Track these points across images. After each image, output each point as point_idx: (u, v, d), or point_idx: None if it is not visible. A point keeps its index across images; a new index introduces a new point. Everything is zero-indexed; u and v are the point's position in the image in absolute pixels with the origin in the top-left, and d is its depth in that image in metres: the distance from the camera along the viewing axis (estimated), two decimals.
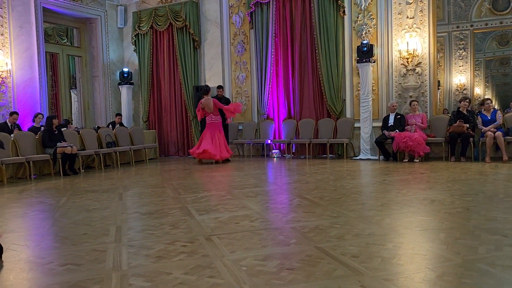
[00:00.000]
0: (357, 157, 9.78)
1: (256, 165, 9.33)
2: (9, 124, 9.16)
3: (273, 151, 11.06)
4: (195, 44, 11.89)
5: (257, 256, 3.07)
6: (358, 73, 9.87)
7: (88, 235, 3.91)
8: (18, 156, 8.24)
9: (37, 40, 10.49)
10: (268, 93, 11.07)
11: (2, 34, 9.87)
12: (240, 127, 11.46)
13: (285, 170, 8.55)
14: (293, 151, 10.90)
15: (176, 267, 2.94)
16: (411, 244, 3.30)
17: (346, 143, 9.99)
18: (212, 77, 11.86)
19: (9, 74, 9.97)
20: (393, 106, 9.38)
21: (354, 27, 10.03)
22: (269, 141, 10.98)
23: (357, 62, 9.73)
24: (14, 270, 3.05)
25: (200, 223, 4.18)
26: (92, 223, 4.38)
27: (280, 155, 10.99)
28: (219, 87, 10.97)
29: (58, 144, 8.67)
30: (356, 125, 9.99)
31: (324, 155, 10.48)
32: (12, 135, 8.68)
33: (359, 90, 9.91)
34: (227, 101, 10.66)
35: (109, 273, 2.87)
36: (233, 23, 11.52)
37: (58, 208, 5.31)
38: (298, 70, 10.72)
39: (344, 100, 10.30)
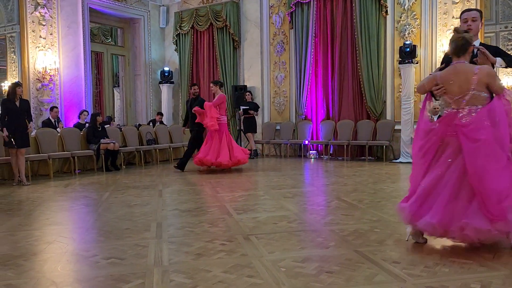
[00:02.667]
0: (397, 160, 9.57)
1: (293, 166, 9.30)
2: (52, 120, 9.52)
3: (310, 152, 10.98)
4: (235, 44, 11.98)
5: (295, 258, 3.06)
6: (400, 74, 9.64)
7: (130, 230, 4.01)
8: (64, 151, 8.57)
9: (83, 40, 10.87)
10: (307, 94, 11.00)
11: (51, 34, 10.28)
12: (278, 127, 11.45)
13: (323, 172, 8.47)
14: (331, 152, 10.78)
15: (215, 265, 2.97)
16: (455, 253, 3.19)
17: (385, 146, 9.80)
18: (251, 77, 11.91)
19: (56, 72, 10.38)
20: (436, 108, 9.10)
21: (396, 27, 9.81)
22: (306, 142, 10.92)
23: (399, 63, 9.52)
24: (61, 262, 3.18)
25: (238, 222, 4.21)
26: (134, 219, 4.50)
27: (317, 156, 10.90)
28: (194, 84, 9.27)
29: (102, 140, 8.95)
30: (396, 127, 9.77)
31: (363, 157, 10.32)
32: (58, 129, 9.04)
33: (400, 91, 9.69)
34: (201, 102, 8.58)
35: (151, 268, 2.94)
36: (273, 23, 11.52)
37: (102, 202, 5.48)
38: (338, 71, 10.60)
39: (385, 101, 10.09)
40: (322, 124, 10.81)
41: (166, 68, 12.88)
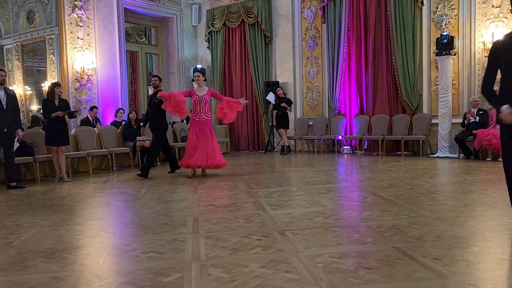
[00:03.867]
0: (434, 155, 9.32)
1: (326, 161, 9.22)
2: (91, 119, 9.80)
3: (344, 147, 10.85)
4: (267, 39, 11.96)
5: (332, 254, 3.04)
6: (437, 66, 9.38)
7: (167, 225, 4.09)
8: (102, 148, 8.81)
9: (118, 40, 11.12)
10: (340, 88, 10.87)
11: (88, 35, 10.57)
12: (311, 123, 11.37)
13: (357, 167, 8.36)
14: (365, 147, 10.62)
15: (252, 260, 2.99)
16: (498, 248, 3.09)
17: (422, 140, 9.56)
18: (283, 73, 11.87)
19: (94, 72, 10.66)
20: (475, 101, 8.82)
21: (433, 18, 9.53)
22: (340, 137, 10.80)
23: (436, 55, 9.25)
24: (102, 255, 3.27)
25: (273, 217, 4.21)
26: (170, 214, 4.58)
27: (351, 152, 10.77)
28: (154, 76, 8.36)
29: (137, 138, 9.15)
30: (433, 121, 9.51)
31: (398, 152, 10.11)
32: (95, 128, 9.31)
33: (437, 84, 9.43)
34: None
35: (189, 263, 2.98)
36: (305, 18, 11.43)
37: (139, 198, 5.61)
38: (372, 64, 10.42)
39: (421, 95, 9.84)
40: (356, 119, 10.66)
41: (199, 66, 13.01)
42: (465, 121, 8.77)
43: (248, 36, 12.19)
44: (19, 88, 12.12)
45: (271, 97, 11.10)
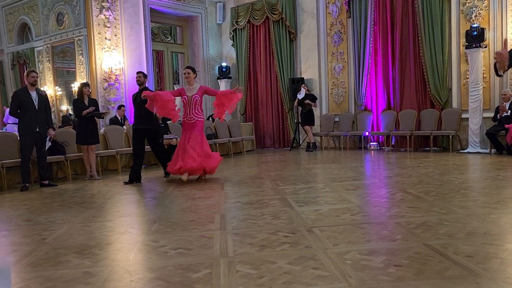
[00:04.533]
0: (465, 150, 9.10)
1: (353, 158, 9.12)
2: (119, 118, 9.98)
3: (371, 143, 10.72)
4: (291, 36, 11.91)
5: (361, 251, 3.01)
6: (467, 59, 9.14)
7: (195, 222, 4.13)
8: (130, 147, 8.95)
9: (145, 39, 11.28)
10: (366, 84, 10.73)
11: (115, 35, 10.76)
12: (337, 119, 11.27)
13: (385, 163, 8.24)
14: (393, 143, 10.46)
15: (280, 256, 2.98)
16: None
17: (452, 135, 9.34)
18: (308, 69, 11.80)
19: (121, 72, 10.86)
20: (505, 95, 8.56)
21: (462, 10, 9.29)
22: (366, 133, 10.66)
23: (466, 48, 9.01)
24: (132, 251, 3.33)
25: (300, 214, 4.20)
26: (198, 211, 4.63)
27: (378, 148, 10.62)
28: (139, 72, 7.49)
29: (164, 136, 9.25)
30: (463, 115, 9.28)
31: (427, 148, 9.91)
32: (124, 127, 9.47)
33: (467, 78, 9.19)
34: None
35: (217, 259, 3.00)
36: (330, 13, 11.32)
37: (167, 195, 5.68)
38: (399, 59, 10.24)
39: (450, 89, 9.62)
40: (383, 115, 10.50)
41: (224, 64, 13.08)
42: (498, 115, 8.52)
43: (273, 33, 12.17)
44: (49, 88, 12.46)
45: (302, 93, 11.02)
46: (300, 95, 11.00)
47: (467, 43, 8.96)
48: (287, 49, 12.00)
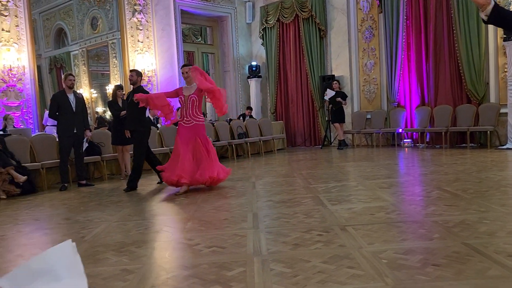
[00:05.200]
0: (504, 147, 8.78)
1: (386, 155, 8.96)
2: (152, 118, 10.15)
3: (405, 140, 10.50)
4: (321, 33, 11.81)
5: (397, 250, 2.95)
6: (505, 52, 8.81)
7: (228, 221, 4.16)
8: (163, 147, 9.12)
9: (176, 41, 11.44)
10: (399, 79, 10.52)
11: (147, 37, 10.96)
12: (368, 116, 11.11)
13: (419, 161, 8.06)
14: (427, 140, 10.21)
15: (313, 255, 2.97)
16: None
17: (490, 131, 9.04)
18: (338, 66, 11.68)
19: (154, 73, 11.06)
20: None
21: (499, 1, 8.96)
22: (400, 130, 10.46)
23: (504, 41, 8.69)
24: (168, 249, 3.40)
25: (333, 213, 4.16)
26: (231, 209, 4.66)
27: (412, 145, 10.40)
28: (132, 70, 6.99)
29: None
30: (502, 110, 8.96)
31: (464, 145, 9.63)
32: (158, 125, 9.65)
33: (505, 71, 8.86)
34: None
35: (251, 257, 3.02)
36: (361, 9, 11.16)
37: (200, 194, 5.75)
38: (433, 53, 9.98)
39: (488, 83, 9.30)
40: (417, 111, 10.27)
41: (254, 63, 13.11)
42: None
43: (303, 31, 12.10)
44: (85, 91, 12.83)
45: (330, 94, 10.93)
46: (327, 97, 10.94)
47: (505, 35, 8.64)
48: (317, 47, 11.91)
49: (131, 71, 6.90)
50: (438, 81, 10.02)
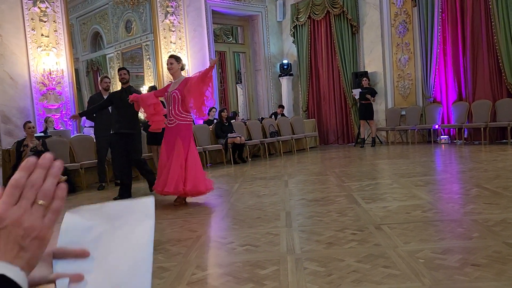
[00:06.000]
0: None
1: (422, 152, 8.75)
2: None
3: (441, 137, 10.22)
4: (353, 29, 11.64)
5: (434, 249, 2.88)
6: None
7: (261, 219, 4.17)
8: (197, 146, 9.22)
9: (208, 41, 11.55)
10: (435, 74, 10.24)
11: (180, 39, 11.12)
12: (403, 112, 10.87)
13: (457, 158, 7.83)
14: (465, 136, 9.89)
15: (348, 254, 2.94)
16: None
17: None
18: (371, 62, 11.48)
19: (186, 74, 11.19)
20: None
21: None
22: (436, 126, 10.18)
23: None
24: (202, 248, 3.43)
25: (367, 211, 4.10)
26: (263, 208, 4.67)
27: (449, 141, 10.10)
28: (122, 68, 6.58)
29: (228, 134, 9.45)
30: None
31: (504, 141, 9.27)
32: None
33: None
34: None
35: (284, 256, 3.02)
36: (394, 3, 10.93)
37: (233, 193, 5.79)
38: (470, 46, 9.65)
39: None
40: (454, 106, 9.97)
41: (285, 61, 13.07)
42: None
43: (334, 27, 11.96)
44: None
45: (356, 92, 10.86)
46: (357, 96, 10.83)
47: None
48: (349, 43, 11.75)
49: (122, 69, 6.44)
50: (476, 75, 9.69)
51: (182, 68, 5.48)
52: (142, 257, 0.63)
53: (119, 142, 6.10)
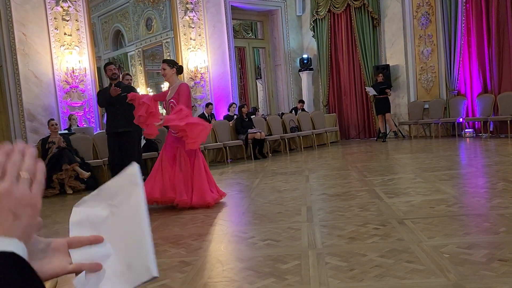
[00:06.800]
0: None
1: (446, 146, 8.58)
2: (206, 115, 10.34)
3: (466, 130, 9.99)
4: (374, 22, 11.47)
5: (460, 244, 2.82)
6: None
7: (282, 214, 4.16)
8: (217, 142, 9.27)
9: (227, 37, 11.56)
10: (459, 66, 10.01)
11: (199, 35, 11.15)
12: (426, 106, 10.67)
13: (482, 151, 7.64)
14: (491, 129, 9.65)
15: (370, 249, 2.90)
16: None
17: None
18: (393, 55, 11.30)
19: (206, 70, 11.24)
20: None
21: None
22: (461, 120, 9.96)
23: None
24: (223, 242, 3.45)
25: (390, 206, 4.04)
26: (284, 203, 4.65)
27: (474, 135, 9.88)
28: (109, 64, 6.36)
29: (249, 130, 9.45)
30: None
31: None
32: (212, 121, 9.82)
33: None
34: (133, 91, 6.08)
35: (305, 251, 3.00)
36: None
37: (253, 188, 5.79)
38: (496, 37, 9.40)
39: None
40: (479, 99, 9.73)
41: (305, 56, 12.97)
42: None
43: (354, 20, 11.81)
44: (142, 90, 13.29)
45: (370, 89, 10.78)
46: (371, 93, 10.72)
47: None
48: (370, 36, 11.58)
49: (112, 63, 6.11)
50: (502, 67, 9.43)
51: (179, 72, 5.21)
52: (141, 227, 0.65)
53: (115, 144, 5.97)
